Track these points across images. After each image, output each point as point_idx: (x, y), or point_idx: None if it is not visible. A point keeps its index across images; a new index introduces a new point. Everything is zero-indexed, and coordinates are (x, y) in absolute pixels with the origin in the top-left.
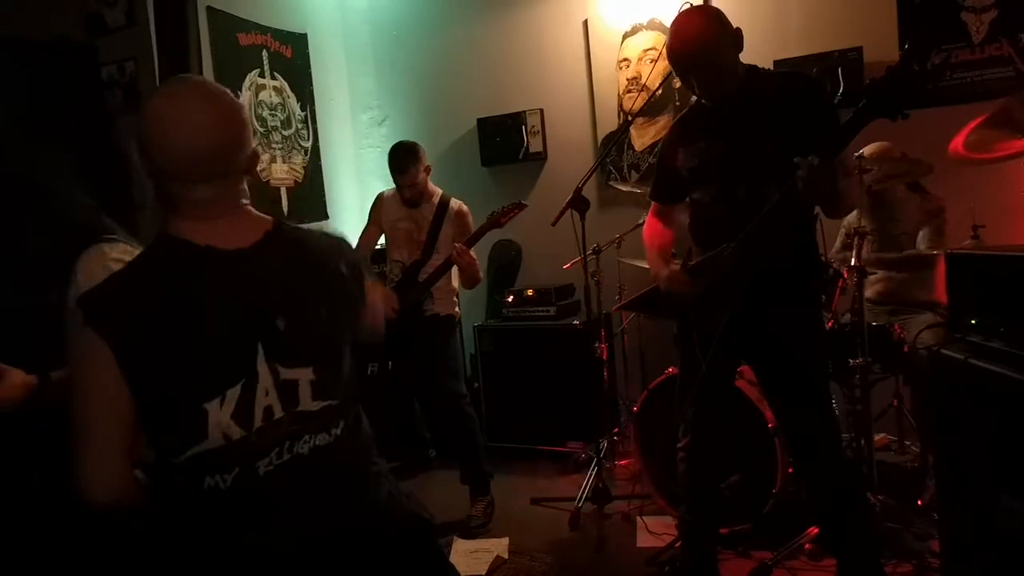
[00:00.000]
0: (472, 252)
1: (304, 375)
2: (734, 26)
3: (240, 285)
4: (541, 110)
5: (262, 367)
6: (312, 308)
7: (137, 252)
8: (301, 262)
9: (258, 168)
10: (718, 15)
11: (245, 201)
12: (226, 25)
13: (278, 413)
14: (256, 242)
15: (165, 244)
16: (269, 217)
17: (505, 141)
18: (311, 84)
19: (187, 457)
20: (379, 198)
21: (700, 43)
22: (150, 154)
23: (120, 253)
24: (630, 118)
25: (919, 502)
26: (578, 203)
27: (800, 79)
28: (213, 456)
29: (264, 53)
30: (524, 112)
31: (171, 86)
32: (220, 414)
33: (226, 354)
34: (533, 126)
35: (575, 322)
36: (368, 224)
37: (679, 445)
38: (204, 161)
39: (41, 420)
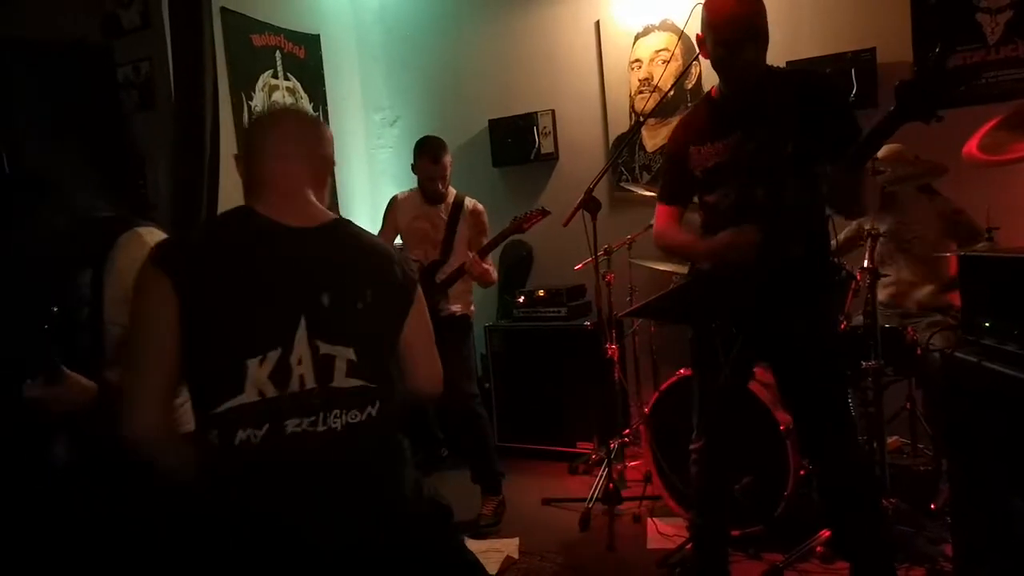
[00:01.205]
0: (488, 260)
1: (343, 353)
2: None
3: (296, 259)
4: (553, 111)
5: (302, 337)
6: (358, 292)
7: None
8: (355, 250)
9: None
10: None
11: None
12: (240, 26)
13: (309, 384)
14: (320, 225)
15: (241, 212)
16: (332, 214)
17: (516, 142)
18: (324, 85)
19: (224, 410)
20: (393, 200)
21: (753, 8)
22: (252, 171)
23: (156, 235)
24: (642, 119)
25: (932, 506)
26: (589, 204)
27: (816, 77)
28: (247, 410)
29: (277, 54)
30: (536, 113)
31: (268, 117)
32: (259, 371)
33: (272, 318)
34: (545, 127)
35: (586, 323)
36: (383, 227)
37: (692, 447)
38: (295, 183)
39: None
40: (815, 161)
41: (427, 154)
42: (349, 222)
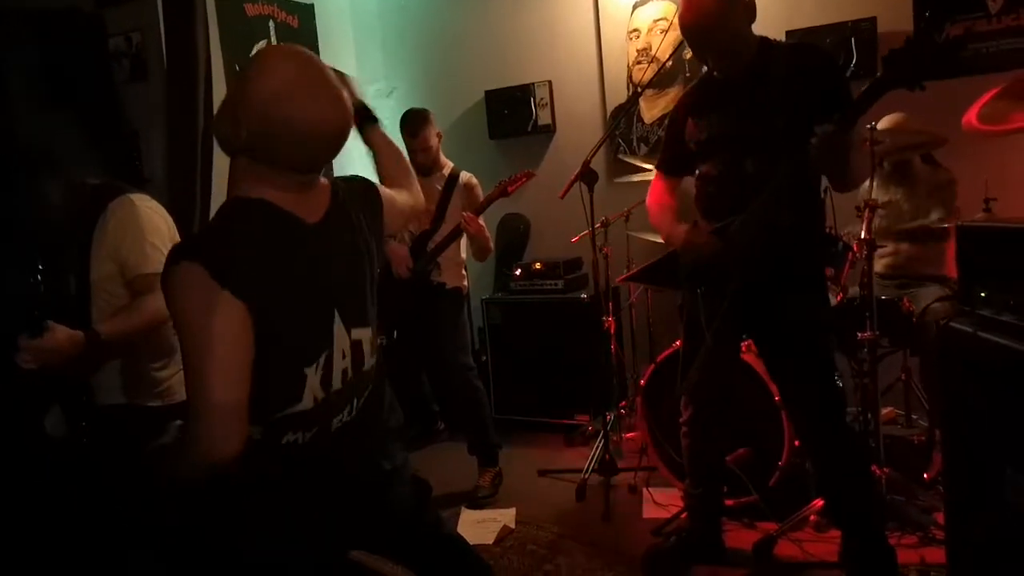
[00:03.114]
0: (481, 220)
1: (365, 335)
2: None
3: (321, 257)
4: (550, 82)
5: (340, 331)
6: (365, 272)
7: (160, 207)
8: (353, 230)
9: None
10: None
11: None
12: None
13: (351, 374)
14: (325, 213)
15: (262, 208)
16: (327, 182)
17: (513, 113)
18: (318, 55)
19: (279, 417)
20: None
21: (712, 14)
22: (278, 127)
23: (146, 208)
24: (640, 90)
25: (925, 476)
26: (587, 176)
27: (813, 52)
28: (302, 417)
29: (271, 23)
30: (533, 84)
31: (284, 62)
32: (314, 378)
33: (317, 321)
34: (542, 98)
35: (583, 295)
36: None
37: (681, 419)
38: (329, 156)
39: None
40: (808, 135)
41: (405, 129)
42: (335, 190)
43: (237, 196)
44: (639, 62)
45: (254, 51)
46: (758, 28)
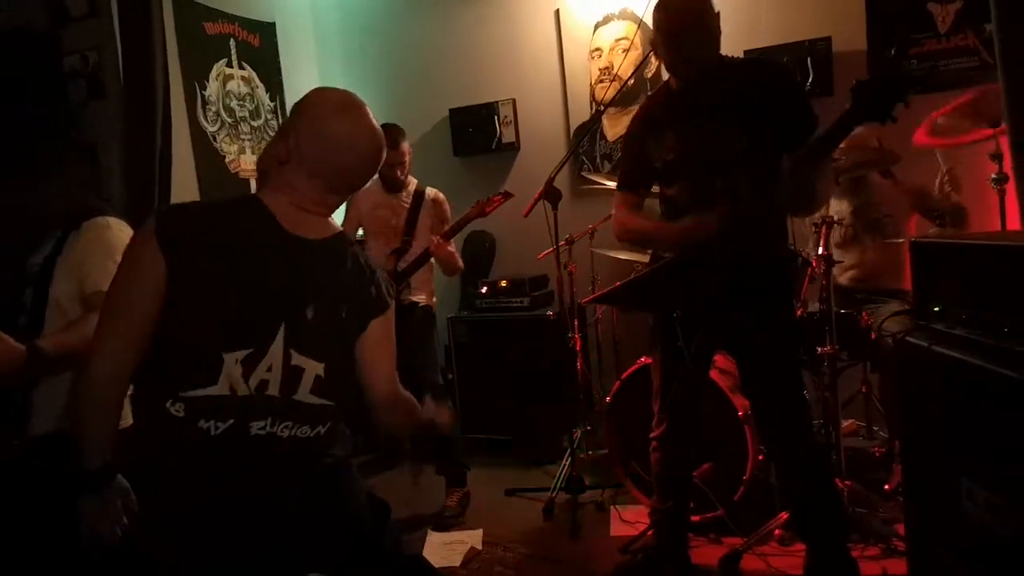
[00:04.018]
0: (451, 244)
1: (313, 368)
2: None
3: (289, 267)
4: (513, 100)
5: (278, 344)
6: (338, 310)
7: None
8: (344, 268)
9: (226, 160)
10: None
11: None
12: (192, 14)
13: (273, 391)
14: (320, 239)
15: (250, 202)
16: (340, 228)
17: (477, 131)
18: (280, 74)
19: (193, 395)
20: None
21: (700, 5)
22: (317, 147)
23: (114, 230)
24: (602, 108)
25: (886, 487)
26: (550, 194)
27: (769, 67)
28: (215, 402)
29: (231, 42)
30: (496, 102)
31: (352, 102)
32: (233, 368)
33: (255, 319)
34: (505, 116)
35: (548, 312)
36: (344, 221)
37: (653, 435)
38: (355, 179)
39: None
40: (771, 153)
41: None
42: (346, 238)
43: (247, 194)
44: (601, 80)
45: (214, 70)
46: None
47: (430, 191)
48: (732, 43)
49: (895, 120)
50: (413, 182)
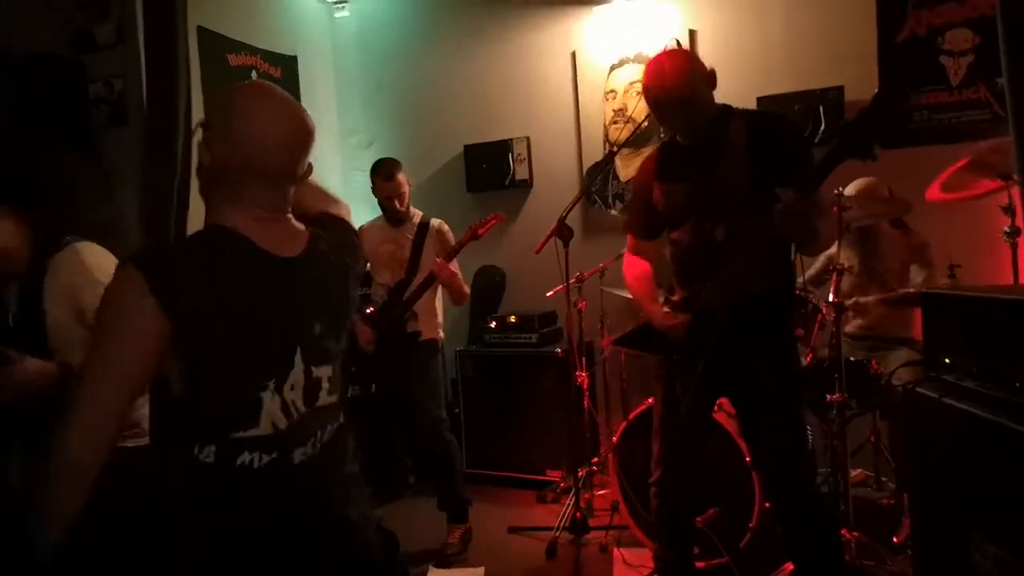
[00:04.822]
0: (453, 266)
1: (326, 373)
2: (709, 68)
3: (289, 291)
4: (528, 138)
5: (298, 366)
6: (339, 313)
7: (108, 253)
8: (332, 270)
9: None
10: (692, 57)
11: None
12: (216, 45)
13: (301, 407)
14: (302, 252)
15: (229, 240)
16: (305, 228)
17: (491, 168)
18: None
19: (231, 440)
20: (360, 231)
21: (678, 87)
22: (233, 145)
23: (94, 254)
24: (615, 149)
25: (895, 539)
26: (562, 232)
27: (771, 118)
28: (259, 441)
29: (253, 74)
30: (511, 140)
31: (255, 87)
32: (272, 404)
33: (273, 351)
34: (519, 154)
35: (557, 349)
36: None
37: (651, 480)
38: (283, 159)
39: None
40: (773, 199)
41: (379, 173)
42: (319, 238)
43: (212, 224)
44: (615, 122)
45: None
46: (731, 93)
47: (434, 221)
48: (744, 90)
49: (875, 159)
50: (418, 214)
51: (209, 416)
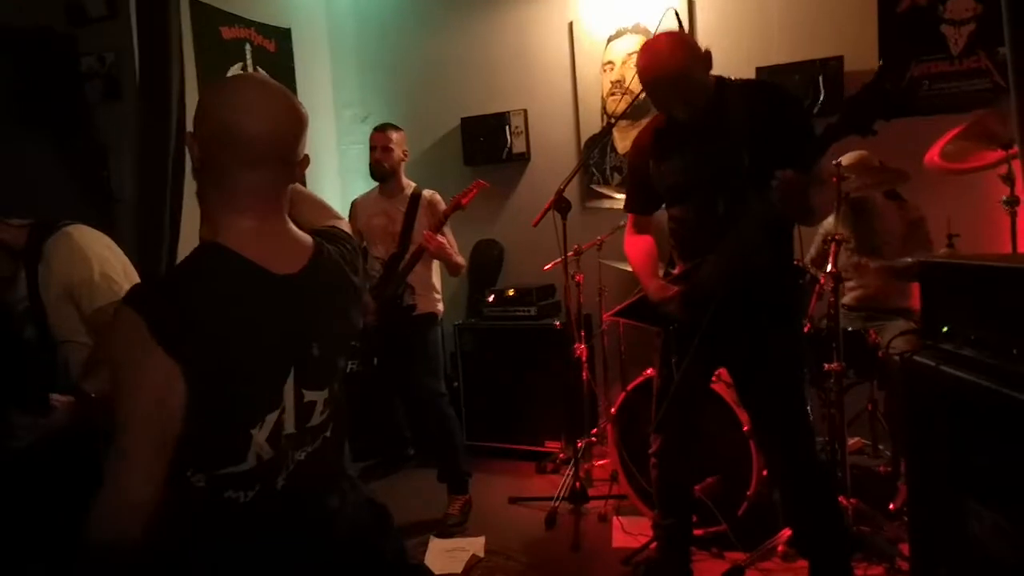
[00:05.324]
0: (441, 237)
1: (320, 396)
2: (704, 49)
3: (286, 313)
4: (525, 111)
5: (289, 391)
6: (341, 334)
7: (102, 235)
8: (337, 289)
9: None
10: (686, 40)
11: (291, 225)
12: (209, 18)
13: (290, 429)
14: (303, 268)
15: (224, 263)
16: (310, 238)
17: (488, 141)
18: (294, 80)
19: (219, 475)
20: (353, 205)
21: (670, 69)
22: (213, 128)
23: (83, 234)
24: (613, 120)
25: (891, 506)
26: (560, 204)
27: (767, 88)
28: (244, 476)
29: (247, 47)
30: (508, 112)
31: (240, 77)
32: (259, 436)
33: (268, 380)
34: (517, 126)
35: (555, 322)
36: None
37: (650, 450)
38: (265, 136)
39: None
40: (773, 173)
41: (376, 127)
42: (323, 250)
43: (206, 243)
44: (613, 93)
45: (229, 74)
46: (730, 64)
47: (426, 192)
48: (744, 61)
49: (875, 133)
50: (410, 185)
51: (200, 450)
